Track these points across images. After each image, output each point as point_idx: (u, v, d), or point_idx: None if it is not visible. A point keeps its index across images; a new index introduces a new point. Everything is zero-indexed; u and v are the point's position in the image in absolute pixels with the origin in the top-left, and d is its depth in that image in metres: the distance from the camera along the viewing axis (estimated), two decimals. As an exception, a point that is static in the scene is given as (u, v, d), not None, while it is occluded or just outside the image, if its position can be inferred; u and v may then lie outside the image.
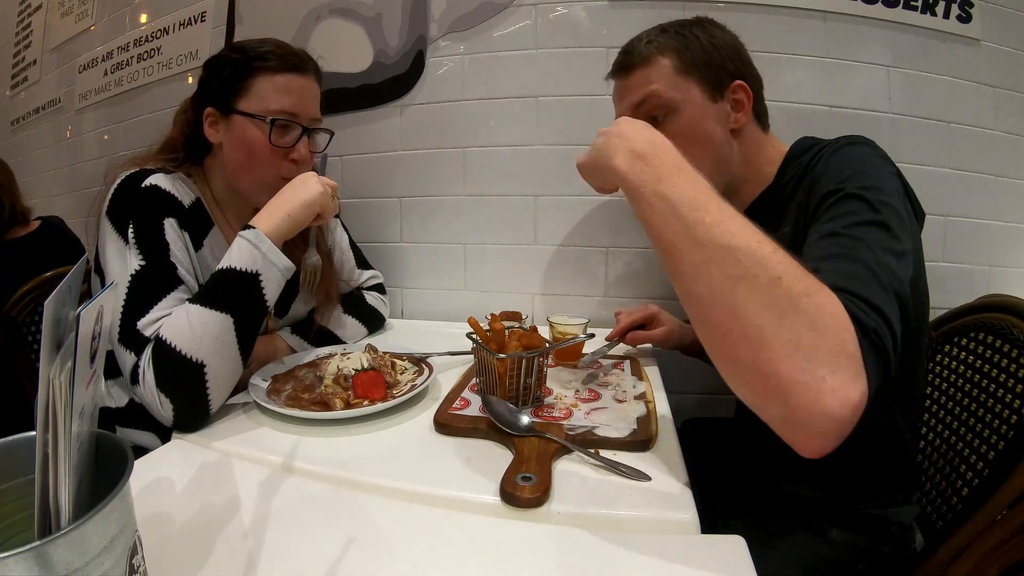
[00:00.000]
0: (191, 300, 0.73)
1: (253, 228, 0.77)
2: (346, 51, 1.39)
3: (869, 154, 0.70)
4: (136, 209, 0.79)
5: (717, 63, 0.79)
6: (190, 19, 1.62)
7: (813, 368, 0.42)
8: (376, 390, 0.76)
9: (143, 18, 1.76)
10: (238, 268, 0.74)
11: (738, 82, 0.80)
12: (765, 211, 0.81)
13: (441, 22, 1.33)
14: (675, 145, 0.75)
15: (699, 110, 0.79)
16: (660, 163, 0.53)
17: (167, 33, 1.68)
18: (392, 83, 1.37)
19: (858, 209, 0.60)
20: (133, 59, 1.76)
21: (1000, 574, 0.62)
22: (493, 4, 1.29)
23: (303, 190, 0.82)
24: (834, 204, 0.62)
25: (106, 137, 1.90)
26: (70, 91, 2.00)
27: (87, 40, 1.92)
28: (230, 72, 0.86)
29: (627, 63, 0.83)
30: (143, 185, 0.81)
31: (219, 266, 0.75)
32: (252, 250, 0.75)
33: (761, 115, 0.85)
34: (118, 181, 0.82)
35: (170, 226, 0.80)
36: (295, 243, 0.88)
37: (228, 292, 0.73)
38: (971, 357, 0.91)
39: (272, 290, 0.76)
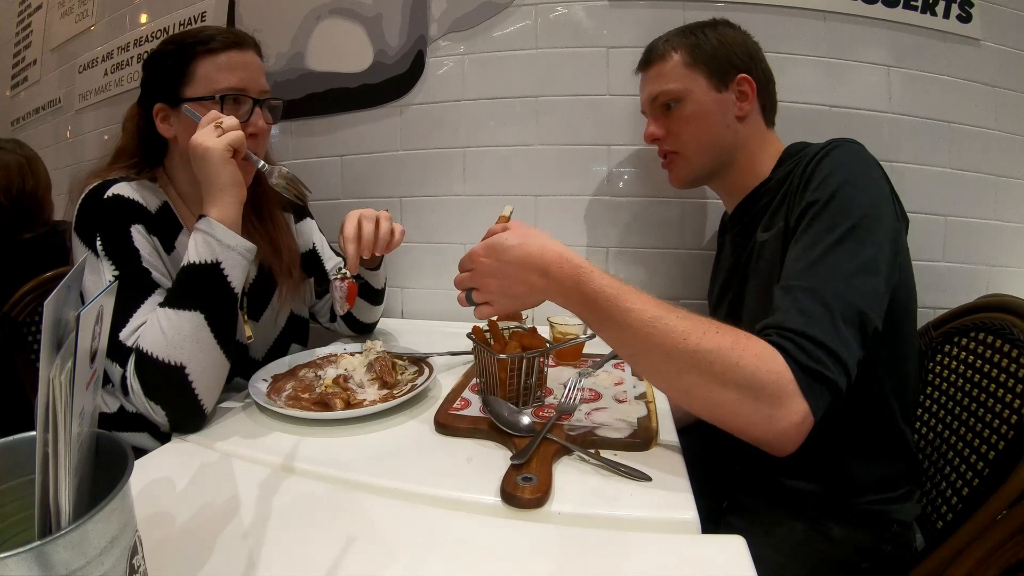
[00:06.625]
0: (160, 304, 0.72)
1: (204, 217, 0.75)
2: (346, 51, 1.39)
3: (854, 153, 0.73)
4: (101, 221, 0.78)
5: (723, 57, 0.87)
6: (190, 19, 1.62)
7: (759, 410, 0.55)
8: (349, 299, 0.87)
9: (143, 18, 1.76)
10: (197, 261, 0.73)
11: (742, 75, 0.87)
12: (755, 207, 0.87)
13: (441, 22, 1.33)
14: (682, 129, 0.90)
15: (704, 97, 0.87)
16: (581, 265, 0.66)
17: (167, 33, 1.68)
18: (392, 83, 1.37)
19: (829, 224, 0.65)
20: (133, 59, 1.76)
21: (1000, 574, 0.62)
22: (493, 4, 1.29)
23: (208, 153, 0.75)
24: (812, 220, 0.68)
25: (106, 137, 1.90)
26: (70, 91, 2.00)
27: (87, 40, 1.92)
28: (171, 63, 0.84)
29: (647, 59, 0.95)
30: (106, 196, 0.79)
31: (182, 264, 0.74)
32: (206, 239, 0.73)
33: (767, 108, 0.91)
34: (82, 196, 0.80)
35: (138, 232, 0.79)
36: (254, 225, 0.90)
37: (193, 288, 0.72)
38: (971, 357, 0.90)
39: (237, 276, 0.75)
